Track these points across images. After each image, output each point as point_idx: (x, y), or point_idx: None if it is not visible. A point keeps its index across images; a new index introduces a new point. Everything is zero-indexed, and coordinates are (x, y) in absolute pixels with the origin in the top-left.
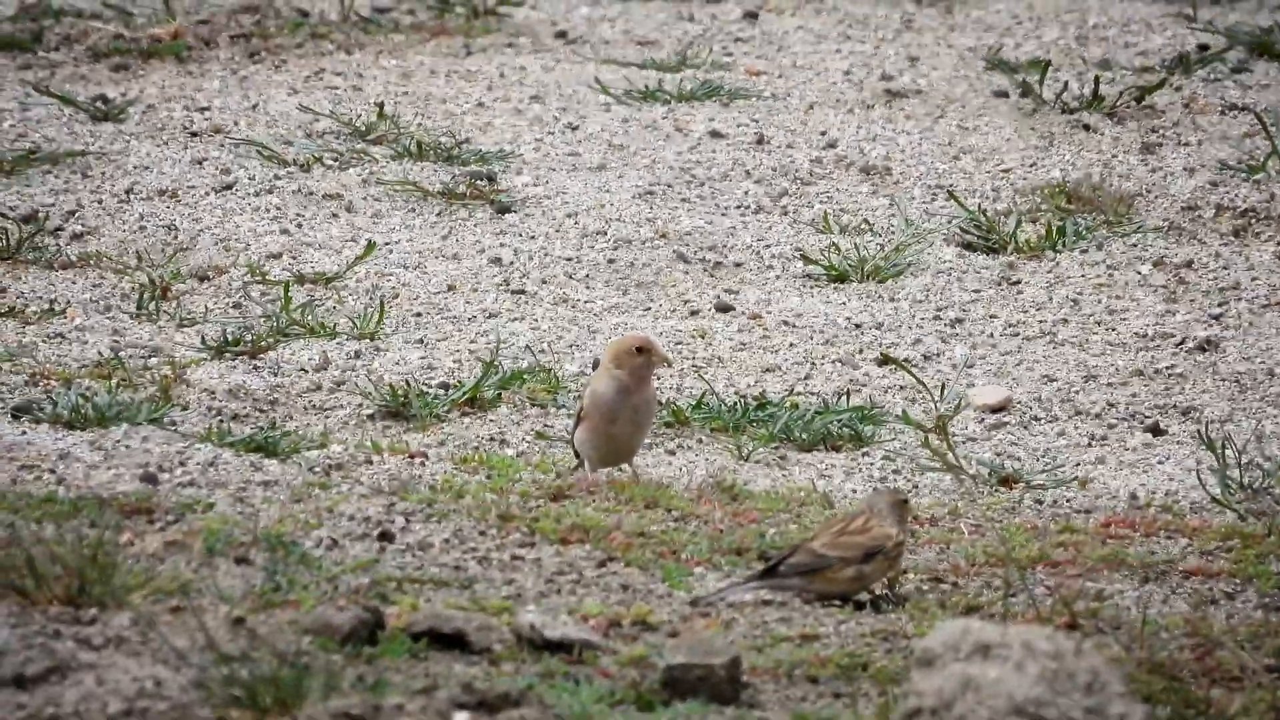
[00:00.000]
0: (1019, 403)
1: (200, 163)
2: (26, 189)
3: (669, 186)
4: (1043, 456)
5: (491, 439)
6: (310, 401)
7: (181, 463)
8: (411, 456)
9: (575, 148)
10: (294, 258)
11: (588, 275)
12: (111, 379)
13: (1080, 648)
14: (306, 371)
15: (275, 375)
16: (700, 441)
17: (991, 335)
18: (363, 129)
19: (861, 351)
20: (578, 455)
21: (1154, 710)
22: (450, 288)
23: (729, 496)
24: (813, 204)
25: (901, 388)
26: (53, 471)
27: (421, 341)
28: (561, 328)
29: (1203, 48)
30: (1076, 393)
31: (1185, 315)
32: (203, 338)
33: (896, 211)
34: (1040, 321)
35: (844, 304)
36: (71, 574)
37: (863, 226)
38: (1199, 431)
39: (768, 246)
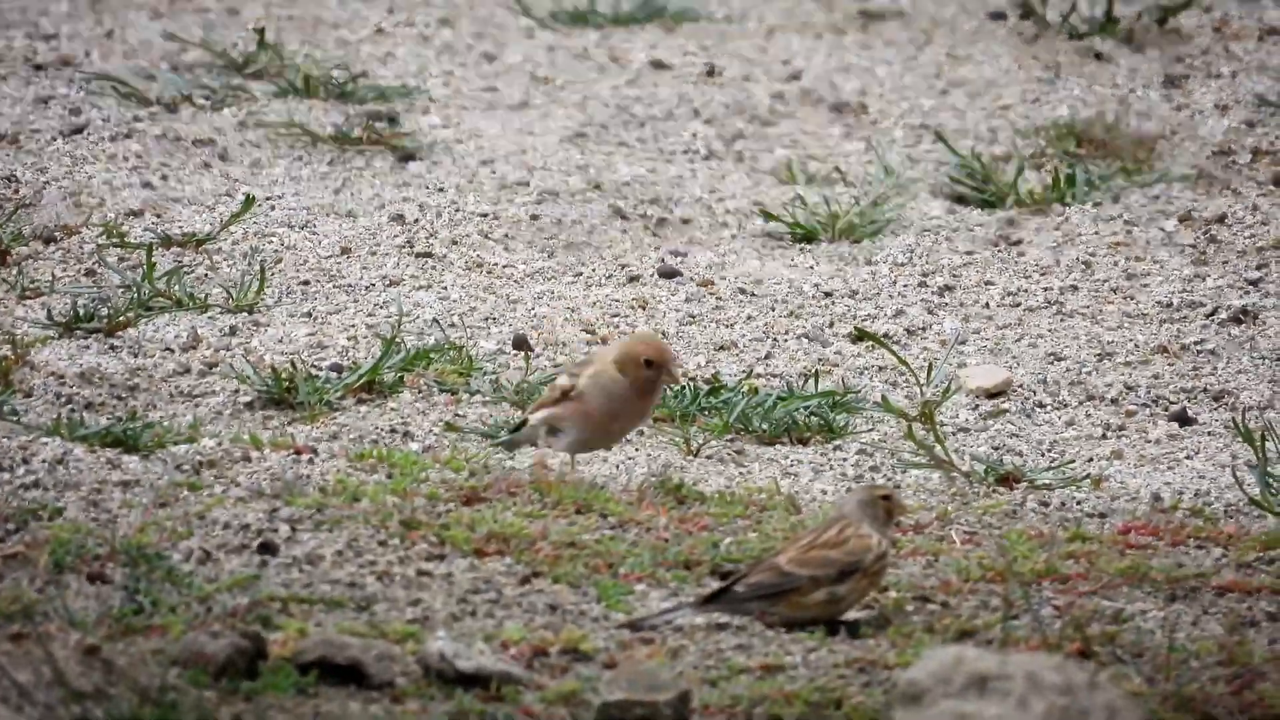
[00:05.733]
0: (1020, 386)
1: (45, 101)
2: None
3: (603, 128)
4: (1048, 450)
5: (393, 431)
6: (177, 387)
7: (24, 460)
8: (298, 452)
9: (492, 82)
10: (158, 215)
11: (507, 234)
12: None
13: (1095, 679)
14: (173, 351)
15: (136, 356)
16: (641, 434)
17: (987, 305)
18: (239, 61)
19: (832, 325)
20: (533, 425)
21: None
22: (344, 250)
23: (675, 499)
24: (774, 148)
25: (881, 368)
26: None
27: (310, 315)
28: (475, 297)
29: None
30: (1088, 374)
31: (1217, 280)
32: (49, 311)
33: (874, 157)
34: (1045, 289)
35: (811, 268)
36: None
37: (833, 175)
38: (1234, 420)
39: (721, 199)
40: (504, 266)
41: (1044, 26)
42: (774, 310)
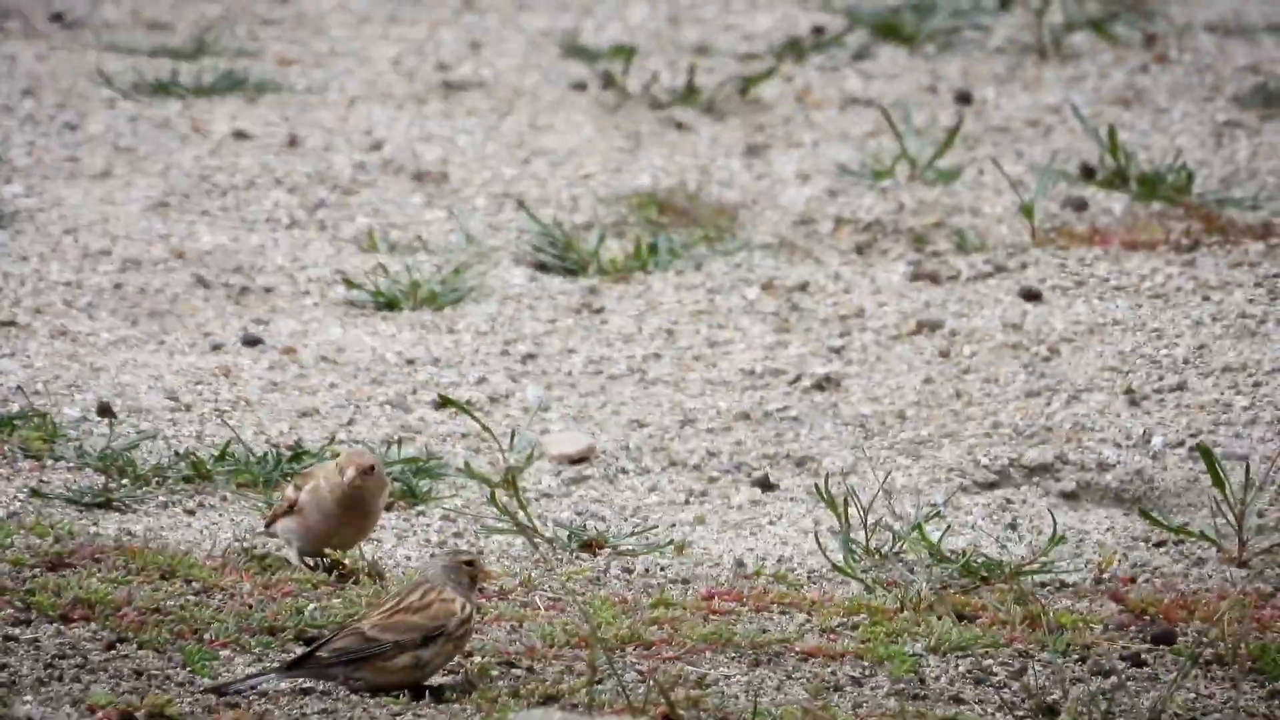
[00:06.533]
0: (603, 452)
1: None
2: None
3: (186, 197)
4: (632, 516)
5: None
6: None
7: None
8: None
9: (75, 151)
10: None
11: (90, 303)
12: None
13: None
14: None
15: None
16: (225, 499)
17: (570, 373)
18: None
19: (415, 392)
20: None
21: None
22: None
23: (260, 566)
24: (355, 217)
25: (464, 435)
26: None
27: None
28: (59, 365)
29: (818, 30)
30: (671, 440)
31: (800, 348)
32: None
33: (456, 226)
34: (628, 356)
35: (394, 335)
36: None
37: (415, 244)
38: (816, 485)
39: (303, 268)
40: (88, 335)
41: (625, 97)
42: (357, 378)
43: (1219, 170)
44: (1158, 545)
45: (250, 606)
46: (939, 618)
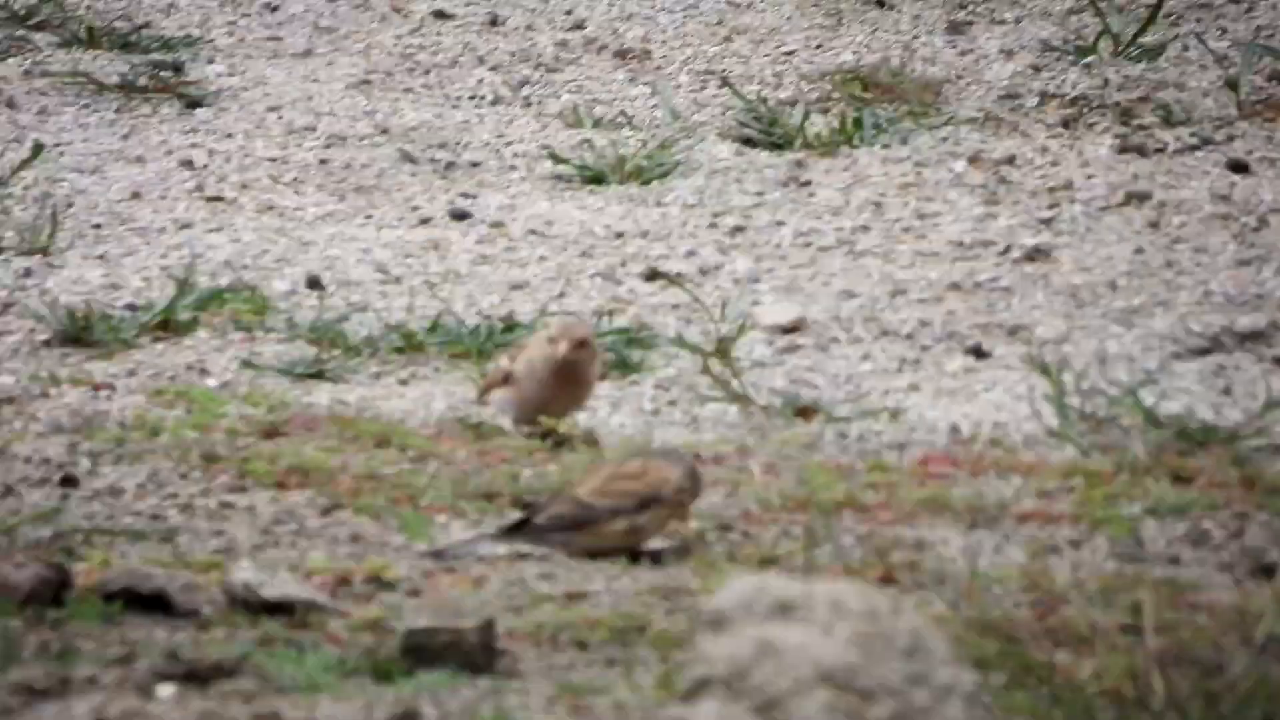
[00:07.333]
0: (815, 322)
1: None
2: None
3: (388, 75)
4: (845, 383)
5: (189, 368)
6: None
7: None
8: (96, 388)
9: (275, 31)
10: None
11: (296, 178)
12: None
13: (898, 606)
14: None
15: None
16: (437, 370)
17: (779, 245)
18: (21, 12)
19: (625, 264)
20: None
21: (987, 677)
22: (135, 195)
23: (474, 433)
24: (560, 94)
25: (675, 306)
26: None
27: (103, 257)
28: (267, 239)
29: None
30: (883, 310)
31: (1009, 219)
32: None
33: (660, 102)
34: (837, 229)
35: (602, 209)
36: None
37: (620, 119)
38: (1029, 354)
39: (509, 144)
40: (294, 209)
41: None
42: (566, 250)
43: None
44: None
45: (466, 473)
46: (1156, 480)
